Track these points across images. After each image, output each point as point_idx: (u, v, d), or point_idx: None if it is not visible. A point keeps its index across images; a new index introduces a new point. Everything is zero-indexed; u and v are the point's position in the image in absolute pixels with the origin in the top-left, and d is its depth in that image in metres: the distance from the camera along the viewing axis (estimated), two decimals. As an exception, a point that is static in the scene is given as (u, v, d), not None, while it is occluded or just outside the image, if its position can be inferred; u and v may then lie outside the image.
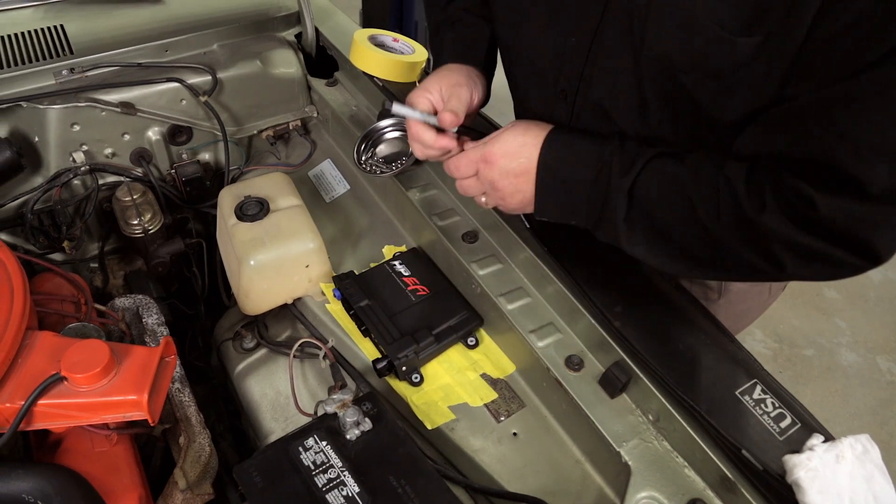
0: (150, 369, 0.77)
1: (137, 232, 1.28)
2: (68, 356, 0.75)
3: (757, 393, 0.82)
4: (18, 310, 0.80)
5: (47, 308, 0.98)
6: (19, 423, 0.72)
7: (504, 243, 1.07)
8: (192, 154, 1.42)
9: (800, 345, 2.57)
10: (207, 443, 0.92)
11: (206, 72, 1.35)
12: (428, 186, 1.20)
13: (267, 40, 1.47)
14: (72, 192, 1.31)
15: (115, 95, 1.29)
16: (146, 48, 1.37)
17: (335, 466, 0.77)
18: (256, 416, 1.04)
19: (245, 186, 1.15)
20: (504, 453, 0.92)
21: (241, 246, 1.05)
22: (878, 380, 2.45)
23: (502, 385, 0.99)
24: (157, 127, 1.36)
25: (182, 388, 0.97)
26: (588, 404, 0.87)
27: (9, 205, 1.24)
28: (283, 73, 1.43)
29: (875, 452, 0.75)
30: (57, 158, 1.29)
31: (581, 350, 0.94)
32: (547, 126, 0.84)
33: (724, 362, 0.86)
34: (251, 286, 1.07)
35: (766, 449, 0.76)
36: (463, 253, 1.06)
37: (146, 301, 1.09)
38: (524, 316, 0.98)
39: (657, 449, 0.84)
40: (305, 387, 1.05)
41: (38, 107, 1.24)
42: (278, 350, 1.11)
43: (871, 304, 2.74)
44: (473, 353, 1.03)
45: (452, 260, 1.08)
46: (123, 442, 0.87)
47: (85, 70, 1.30)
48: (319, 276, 1.12)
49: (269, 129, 1.47)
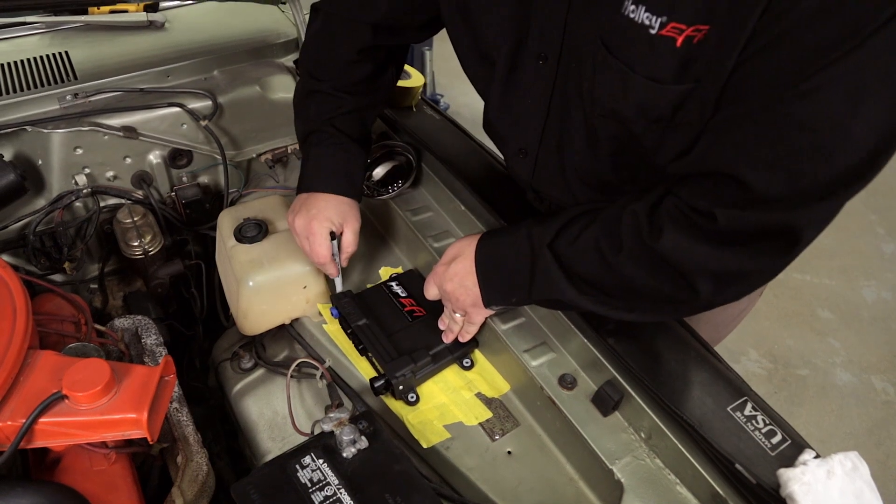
0: (149, 388, 0.78)
1: (137, 253, 1.29)
2: (70, 375, 0.76)
3: (748, 409, 0.84)
4: (21, 329, 0.81)
5: (48, 328, 0.99)
6: (20, 440, 0.73)
7: (498, 264, 1.08)
8: (192, 177, 1.44)
9: (794, 365, 2.58)
10: (205, 462, 0.92)
11: (207, 97, 1.38)
12: (423, 209, 1.22)
13: (266, 66, 1.50)
14: (73, 214, 1.33)
15: (117, 120, 1.31)
16: (148, 74, 1.40)
17: (332, 484, 0.78)
18: (254, 435, 1.05)
19: (244, 209, 1.17)
20: (499, 472, 0.93)
21: (240, 267, 1.07)
22: (873, 399, 2.46)
23: (497, 404, 1.00)
24: (158, 150, 1.38)
25: (180, 407, 0.97)
26: (581, 422, 0.88)
27: (12, 226, 1.26)
28: (281, 98, 1.45)
29: (864, 469, 0.77)
30: (59, 181, 1.31)
31: (574, 369, 0.95)
32: (476, 234, 0.97)
33: (715, 380, 0.87)
34: (250, 307, 1.08)
35: (759, 464, 0.77)
36: (458, 274, 1.08)
37: (145, 322, 1.10)
38: (518, 336, 0.99)
39: (649, 466, 0.85)
40: (303, 407, 1.06)
41: (43, 131, 1.26)
42: (276, 370, 1.12)
43: (865, 323, 2.75)
44: (469, 373, 1.04)
45: (448, 281, 1.09)
46: (122, 461, 0.87)
47: (88, 95, 1.33)
48: (317, 297, 1.13)
49: (268, 153, 1.49)
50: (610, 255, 0.79)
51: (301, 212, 1.05)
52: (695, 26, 0.63)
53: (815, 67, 0.59)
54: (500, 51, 0.86)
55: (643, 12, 0.65)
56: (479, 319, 1.00)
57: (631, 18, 0.66)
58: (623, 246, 0.77)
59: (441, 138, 1.30)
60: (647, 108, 0.73)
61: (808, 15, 0.57)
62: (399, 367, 0.99)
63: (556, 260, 0.84)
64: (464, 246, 0.96)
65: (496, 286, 0.93)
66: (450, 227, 1.19)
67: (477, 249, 0.93)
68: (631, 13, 0.66)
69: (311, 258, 1.07)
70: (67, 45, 1.46)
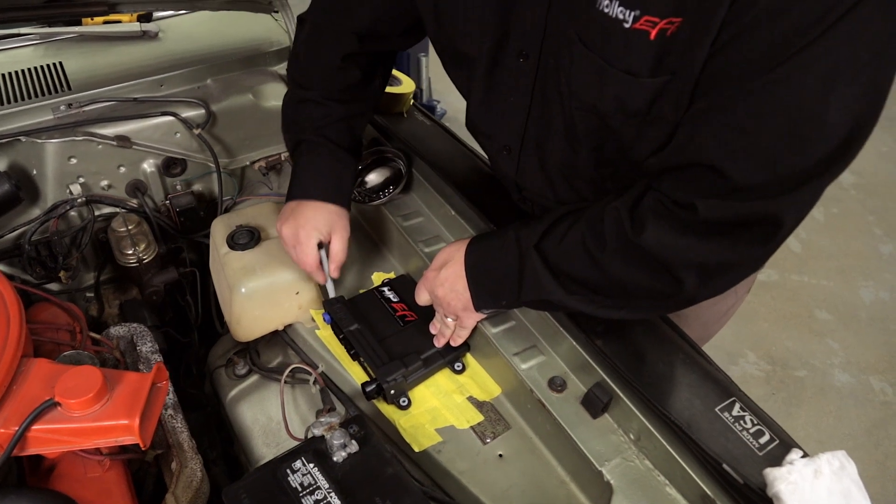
0: (141, 394, 0.79)
1: (132, 262, 1.30)
2: (62, 382, 0.77)
3: (736, 410, 0.84)
4: (14, 338, 0.82)
5: (43, 337, 1.00)
6: (13, 448, 0.74)
7: (489, 268, 1.09)
8: (186, 185, 1.45)
9: (793, 366, 2.58)
10: (199, 468, 0.93)
11: (200, 105, 1.39)
12: (414, 214, 1.23)
13: (259, 74, 1.52)
14: (68, 223, 1.34)
15: (111, 129, 1.33)
16: (142, 83, 1.41)
17: (322, 488, 0.79)
18: (248, 441, 1.05)
19: (236, 216, 1.18)
20: (490, 475, 0.93)
21: (233, 274, 1.08)
22: (871, 400, 2.46)
23: (488, 407, 1.01)
24: (152, 159, 1.39)
25: (174, 414, 0.98)
26: (571, 425, 0.89)
27: (7, 236, 1.27)
28: (274, 106, 1.46)
29: (852, 468, 0.77)
30: (54, 191, 1.32)
31: (564, 371, 0.96)
32: (466, 239, 0.98)
33: (703, 381, 0.88)
34: (243, 313, 1.09)
35: (746, 463, 0.77)
36: (449, 278, 1.09)
37: (141, 329, 1.11)
38: (508, 339, 1.00)
39: (639, 468, 0.85)
40: (296, 412, 1.06)
41: (37, 141, 1.28)
42: (270, 376, 1.12)
43: (863, 324, 2.76)
44: (460, 377, 1.05)
45: (439, 285, 1.10)
46: (116, 467, 0.88)
47: (82, 105, 1.34)
48: (309, 303, 1.14)
49: (262, 160, 1.51)
50: (595, 252, 0.80)
51: (289, 220, 1.06)
52: (668, 19, 0.64)
53: (786, 54, 0.60)
54: (481, 49, 0.87)
55: (617, 7, 0.66)
56: (471, 323, 1.01)
57: (605, 13, 0.68)
58: (607, 242, 0.78)
59: (432, 144, 1.31)
60: (624, 101, 0.74)
61: (778, 3, 0.59)
62: (390, 372, 0.99)
63: (543, 261, 0.85)
64: (453, 251, 0.97)
65: (486, 290, 0.93)
66: (440, 231, 1.19)
67: (466, 254, 0.94)
68: (605, 8, 0.67)
69: (299, 266, 1.08)
70: (61, 55, 1.48)
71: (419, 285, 1.02)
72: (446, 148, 1.32)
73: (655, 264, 0.76)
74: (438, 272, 0.97)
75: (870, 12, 0.57)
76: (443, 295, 0.97)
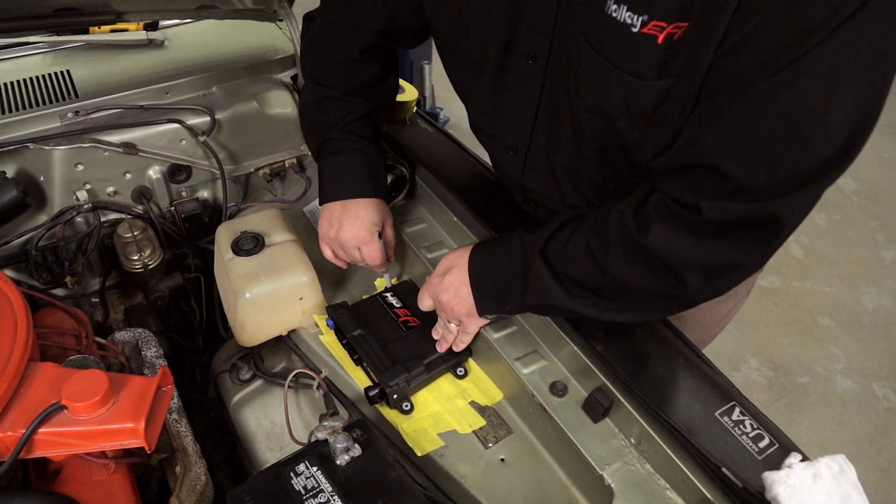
0: (147, 398, 0.80)
1: (138, 267, 1.31)
2: (68, 385, 0.78)
3: (736, 414, 0.85)
4: (21, 342, 0.83)
5: (49, 341, 1.01)
6: (20, 450, 0.75)
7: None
8: (192, 192, 1.47)
9: (795, 372, 2.58)
10: (203, 472, 0.94)
11: (205, 113, 1.40)
12: (417, 221, 1.24)
13: (263, 82, 1.53)
14: (75, 229, 1.36)
15: (117, 136, 1.34)
16: (148, 91, 1.43)
17: (325, 491, 0.79)
18: (252, 446, 1.06)
19: (241, 222, 1.19)
20: (492, 479, 0.94)
21: (237, 280, 1.09)
22: (874, 406, 2.46)
23: (490, 412, 1.02)
24: (157, 166, 1.41)
25: (179, 418, 0.99)
26: (572, 429, 0.90)
27: (14, 241, 1.28)
28: (279, 113, 1.48)
29: (851, 472, 0.77)
30: (61, 197, 1.33)
31: (565, 376, 0.96)
32: (469, 245, 0.98)
33: (703, 385, 0.89)
34: (247, 319, 1.10)
35: (746, 467, 0.78)
36: (451, 284, 1.09)
37: (146, 334, 1.12)
38: (510, 344, 1.01)
39: (639, 471, 0.86)
40: (300, 417, 1.07)
41: (44, 148, 1.29)
42: (273, 381, 1.13)
43: (865, 330, 2.76)
44: (462, 381, 1.06)
45: (442, 291, 1.11)
46: (121, 471, 0.89)
47: (89, 112, 1.36)
48: (313, 309, 1.15)
49: (266, 167, 1.52)
50: (600, 255, 0.80)
51: (344, 223, 1.08)
52: (675, 23, 0.65)
53: (789, 58, 0.61)
54: (489, 52, 0.88)
55: (625, 11, 0.67)
56: (474, 329, 1.02)
57: (613, 17, 0.69)
58: (612, 244, 0.79)
59: (435, 151, 1.33)
60: (630, 103, 0.75)
61: (782, 7, 0.60)
62: (393, 377, 1.00)
63: (548, 266, 0.86)
64: (457, 257, 0.97)
65: (490, 295, 0.94)
66: (443, 238, 1.21)
67: (470, 260, 0.95)
68: (613, 12, 0.68)
69: (366, 263, 1.12)
70: (69, 63, 1.49)
71: (422, 291, 1.03)
72: (449, 155, 1.33)
73: (660, 265, 0.77)
74: (442, 278, 0.98)
75: (872, 16, 0.58)
76: (446, 300, 0.97)
